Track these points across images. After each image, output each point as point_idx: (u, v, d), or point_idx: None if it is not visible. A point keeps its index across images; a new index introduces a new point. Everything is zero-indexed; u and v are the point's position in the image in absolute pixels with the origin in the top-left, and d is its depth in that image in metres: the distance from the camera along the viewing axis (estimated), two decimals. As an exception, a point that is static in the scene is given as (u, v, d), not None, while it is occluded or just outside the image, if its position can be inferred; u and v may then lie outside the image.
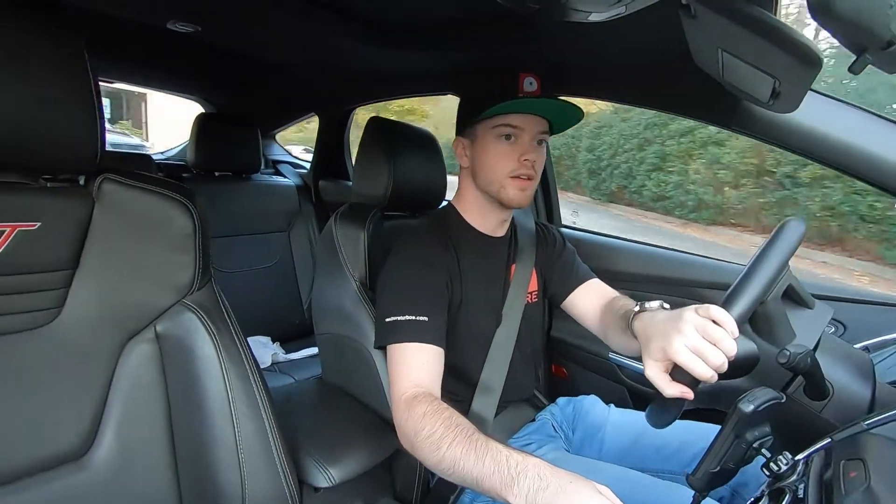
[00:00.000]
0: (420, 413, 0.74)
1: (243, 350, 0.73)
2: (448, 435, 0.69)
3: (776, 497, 0.55)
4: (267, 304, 1.90)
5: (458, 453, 0.67)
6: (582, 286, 1.07)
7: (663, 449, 0.95)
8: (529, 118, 0.92)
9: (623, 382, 1.28)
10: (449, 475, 0.69)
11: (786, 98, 0.78)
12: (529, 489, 0.59)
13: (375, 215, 1.08)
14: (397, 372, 0.83)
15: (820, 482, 0.54)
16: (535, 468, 0.61)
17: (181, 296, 0.71)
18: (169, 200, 0.70)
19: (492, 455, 0.65)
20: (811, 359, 0.66)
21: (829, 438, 0.55)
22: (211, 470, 0.70)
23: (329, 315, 1.09)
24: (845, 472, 0.51)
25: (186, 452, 0.71)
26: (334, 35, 1.28)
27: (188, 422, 0.71)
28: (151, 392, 0.70)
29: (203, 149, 1.84)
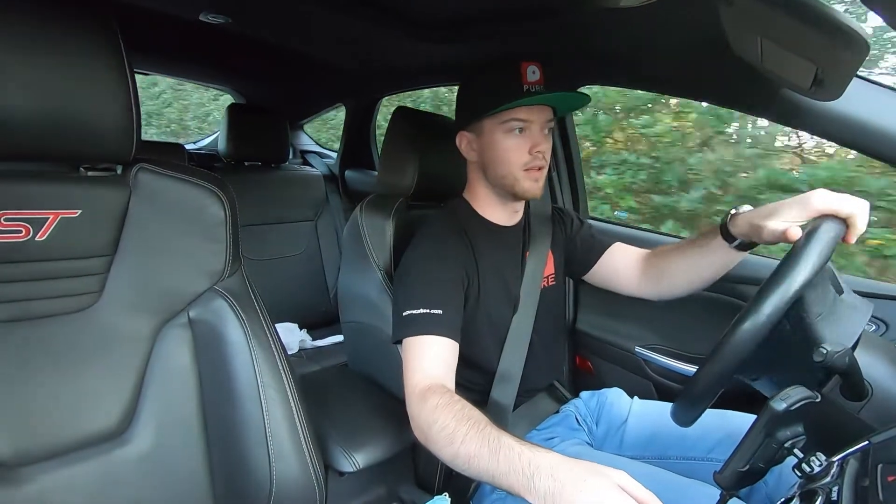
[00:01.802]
0: (433, 405, 0.74)
1: (272, 336, 0.75)
2: (460, 430, 0.69)
3: (808, 499, 0.54)
4: (294, 292, 1.93)
5: (471, 449, 0.67)
6: (608, 251, 1.07)
7: (686, 437, 0.93)
8: (537, 109, 0.91)
9: (649, 377, 1.26)
10: (465, 470, 0.69)
11: (829, 85, 0.74)
12: (546, 491, 0.58)
13: (401, 205, 1.08)
14: (411, 364, 0.83)
15: (855, 486, 0.52)
16: (548, 467, 0.60)
17: (213, 282, 0.73)
18: (201, 189, 0.72)
19: (504, 452, 0.64)
20: (849, 357, 0.63)
21: (867, 441, 0.53)
22: (240, 451, 0.73)
23: (354, 303, 1.10)
24: (883, 477, 0.49)
25: (217, 433, 0.74)
26: (364, 26, 1.28)
27: (219, 404, 0.73)
28: (184, 375, 0.72)
29: (234, 139, 1.88)
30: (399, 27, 1.22)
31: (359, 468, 0.86)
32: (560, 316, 1.14)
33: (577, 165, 1.52)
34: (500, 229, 1.01)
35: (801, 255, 0.62)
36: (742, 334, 0.62)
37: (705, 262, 0.92)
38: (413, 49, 1.41)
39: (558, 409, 1.06)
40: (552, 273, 1.07)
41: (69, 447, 0.65)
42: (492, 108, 0.90)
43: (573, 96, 0.95)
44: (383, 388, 1.06)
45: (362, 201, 1.10)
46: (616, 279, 1.06)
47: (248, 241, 0.81)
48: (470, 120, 0.96)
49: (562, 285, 1.11)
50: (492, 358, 0.97)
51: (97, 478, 0.66)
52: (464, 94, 1.01)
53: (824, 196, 0.70)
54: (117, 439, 0.69)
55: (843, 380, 0.67)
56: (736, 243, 0.86)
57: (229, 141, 1.88)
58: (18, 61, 0.54)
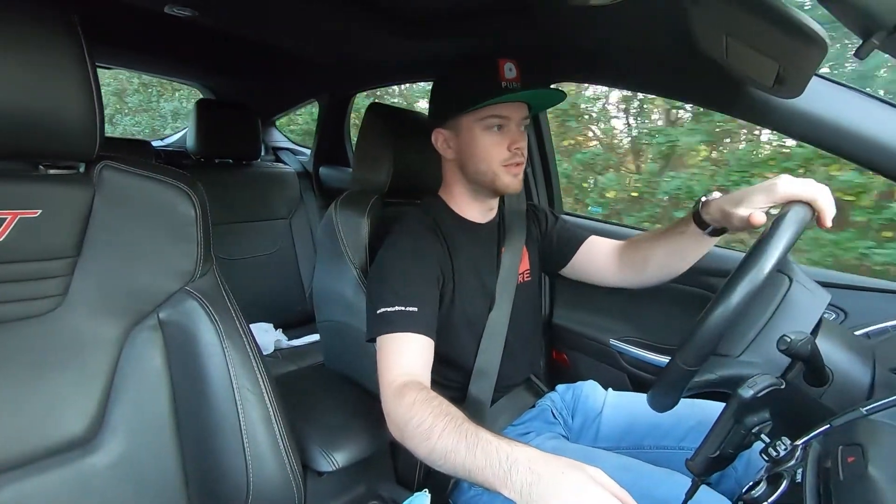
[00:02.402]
0: (410, 401, 0.73)
1: (246, 337, 0.74)
2: (437, 425, 0.68)
3: (775, 482, 0.56)
4: (269, 292, 1.90)
5: (448, 444, 0.66)
6: (585, 244, 1.08)
7: (658, 426, 0.96)
8: (514, 106, 0.93)
9: (623, 369, 1.29)
10: (441, 466, 0.68)
11: (790, 83, 0.77)
12: (523, 484, 0.58)
13: (376, 202, 1.08)
14: (386, 361, 0.82)
15: (818, 467, 0.55)
16: (525, 460, 0.60)
17: (183, 283, 0.71)
18: (170, 188, 0.70)
19: (482, 446, 0.64)
20: (811, 345, 0.66)
21: (829, 424, 0.55)
22: (216, 454, 0.71)
23: (330, 302, 1.09)
24: (843, 458, 0.52)
25: (191, 437, 0.72)
26: (336, 20, 1.26)
27: (192, 408, 0.71)
28: (155, 378, 0.71)
29: (203, 135, 1.83)
30: (374, 21, 1.21)
31: (338, 467, 0.85)
32: (536, 311, 1.15)
33: (552, 162, 1.54)
34: (475, 226, 1.02)
35: (767, 243, 0.64)
36: (714, 320, 0.64)
37: (681, 249, 0.94)
38: (388, 44, 1.40)
39: (535, 403, 1.08)
40: (527, 269, 1.08)
41: (35, 456, 0.63)
42: (470, 104, 0.90)
43: (550, 93, 0.97)
44: (361, 387, 1.05)
45: (337, 199, 1.09)
46: (594, 271, 1.08)
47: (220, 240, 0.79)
48: (447, 117, 0.96)
49: (537, 281, 1.13)
50: (469, 354, 0.97)
51: (66, 487, 0.64)
52: (439, 91, 1.01)
53: (788, 182, 0.73)
54: (86, 446, 0.66)
55: (806, 367, 0.70)
56: (709, 230, 0.88)
57: (198, 138, 1.83)
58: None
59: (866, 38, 0.52)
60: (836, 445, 0.54)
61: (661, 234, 0.98)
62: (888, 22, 0.50)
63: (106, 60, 2.06)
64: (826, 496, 0.50)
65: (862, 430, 0.54)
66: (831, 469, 0.52)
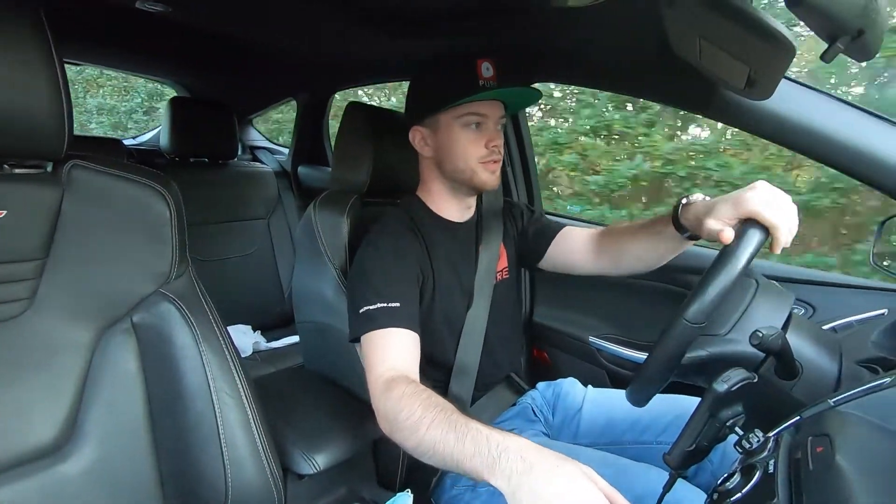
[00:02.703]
0: (398, 395, 0.72)
1: (223, 339, 0.72)
2: (427, 416, 0.68)
3: (748, 473, 0.57)
4: (247, 293, 1.87)
5: (437, 435, 0.66)
6: (559, 234, 1.08)
7: (637, 422, 0.98)
8: (492, 104, 0.94)
9: (602, 366, 1.31)
10: (429, 458, 0.68)
11: (761, 85, 0.79)
12: (512, 471, 0.57)
13: (356, 202, 1.07)
14: (373, 358, 0.82)
15: (789, 458, 0.56)
16: (517, 449, 0.59)
17: (158, 285, 0.70)
18: (143, 187, 0.68)
19: (472, 436, 0.63)
20: (781, 339, 0.68)
21: (798, 416, 0.57)
22: (193, 459, 0.70)
23: (310, 303, 1.08)
24: (812, 448, 0.53)
25: (167, 443, 0.70)
26: (314, 18, 1.25)
27: (168, 412, 0.70)
28: (129, 383, 0.69)
29: (177, 134, 1.79)
30: (354, 20, 1.20)
31: (319, 470, 0.85)
32: (515, 309, 1.16)
33: (531, 160, 1.55)
34: (453, 225, 1.02)
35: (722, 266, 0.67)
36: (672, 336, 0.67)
37: (657, 247, 0.95)
38: (368, 43, 1.39)
39: (516, 400, 1.08)
40: (505, 266, 1.08)
41: (5, 465, 0.60)
42: (449, 102, 0.91)
43: (527, 92, 0.98)
44: (342, 388, 1.04)
45: (316, 198, 1.08)
46: (571, 261, 1.07)
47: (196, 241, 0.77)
48: (424, 115, 0.96)
49: (515, 278, 1.13)
50: (448, 353, 0.98)
51: (38, 496, 0.62)
52: (417, 89, 1.01)
53: (757, 198, 0.70)
54: (58, 454, 0.64)
55: (777, 360, 0.73)
56: (686, 234, 0.87)
57: (172, 136, 1.79)
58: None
59: (832, 42, 0.54)
60: (805, 436, 0.56)
61: (639, 229, 0.98)
62: (852, 28, 0.52)
63: (74, 56, 2.00)
64: (796, 486, 0.51)
65: (830, 421, 0.55)
66: (801, 460, 0.53)
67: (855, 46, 0.55)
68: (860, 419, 0.54)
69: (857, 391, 0.55)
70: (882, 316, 0.98)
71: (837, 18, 0.50)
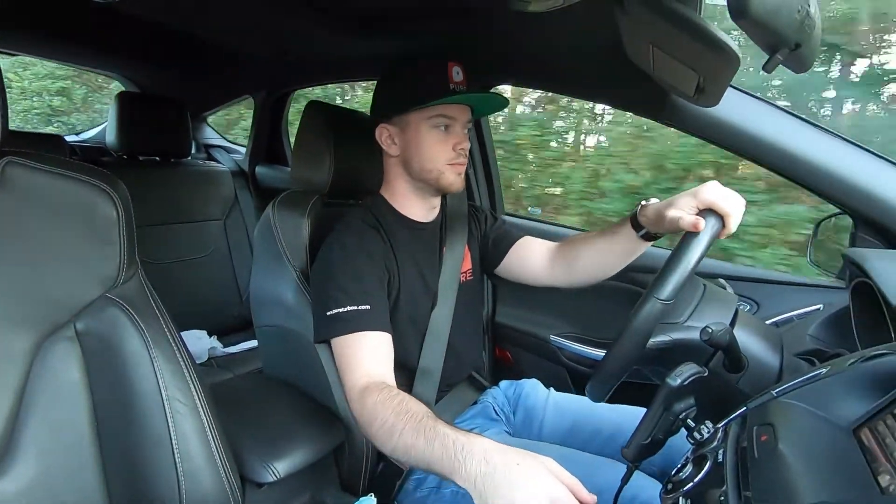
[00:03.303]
0: (372, 403, 0.76)
1: (176, 345, 0.69)
2: (399, 423, 0.71)
3: (699, 463, 0.60)
4: (202, 297, 1.81)
5: (408, 440, 0.69)
6: (517, 244, 1.11)
7: (599, 433, 0.99)
8: (461, 108, 0.96)
9: (563, 364, 1.34)
10: (404, 461, 0.74)
11: (709, 93, 0.83)
12: (477, 473, 0.60)
13: (317, 202, 1.05)
14: (347, 364, 0.83)
15: (736, 447, 0.59)
16: (481, 451, 0.62)
17: (104, 290, 0.66)
18: (88, 186, 0.64)
19: (440, 440, 0.66)
20: (729, 335, 0.72)
21: (744, 407, 0.60)
22: (144, 472, 0.67)
23: (268, 306, 1.05)
24: (757, 437, 0.56)
25: (116, 456, 0.67)
26: (272, 14, 1.22)
27: (116, 424, 0.66)
28: (73, 394, 0.65)
29: (125, 130, 1.71)
30: (313, 18, 1.18)
31: (279, 477, 0.82)
32: (478, 310, 1.17)
33: (493, 164, 1.57)
34: (417, 225, 1.02)
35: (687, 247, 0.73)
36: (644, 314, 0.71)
37: (612, 250, 0.98)
38: (329, 42, 1.37)
39: (477, 398, 1.09)
40: (469, 268, 1.09)
41: None
42: (421, 102, 0.91)
43: (494, 98, 1.01)
44: (303, 393, 1.02)
45: (275, 198, 1.05)
46: (526, 271, 1.10)
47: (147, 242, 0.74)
48: (393, 113, 0.96)
49: (479, 280, 1.14)
50: (412, 354, 0.97)
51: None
52: (386, 87, 1.01)
53: (712, 190, 0.78)
54: None
55: (725, 354, 0.76)
56: (642, 232, 0.92)
57: (120, 132, 1.71)
58: None
59: (772, 53, 0.58)
60: (751, 426, 0.59)
61: (596, 235, 1.02)
62: (790, 41, 0.56)
63: (10, 46, 1.88)
64: (743, 473, 0.54)
65: (773, 410, 0.59)
66: (747, 448, 0.56)
67: (793, 58, 0.59)
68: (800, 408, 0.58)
69: (797, 382, 0.59)
70: (818, 311, 1.05)
71: (777, 32, 0.53)
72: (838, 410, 0.56)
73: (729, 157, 2.02)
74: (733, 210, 0.77)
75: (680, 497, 0.59)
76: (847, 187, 0.95)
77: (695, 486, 0.58)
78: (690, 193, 0.81)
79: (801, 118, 1.00)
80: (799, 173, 0.99)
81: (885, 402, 0.53)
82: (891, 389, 0.54)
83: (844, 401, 0.57)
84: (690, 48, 0.70)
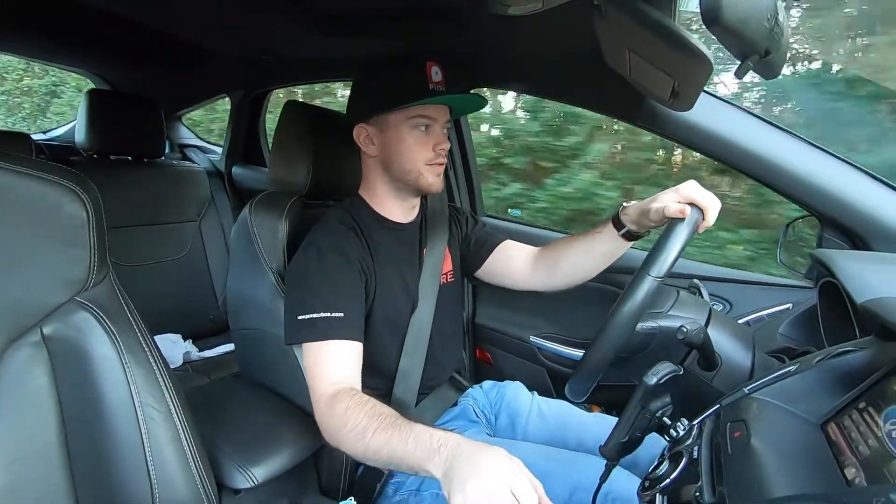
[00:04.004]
0: (343, 408, 0.76)
1: (150, 350, 0.68)
2: (372, 425, 0.72)
3: (675, 460, 0.61)
4: (177, 300, 1.76)
5: (381, 439, 0.71)
6: (498, 248, 1.11)
7: (583, 444, 0.99)
8: (440, 108, 0.95)
9: (543, 364, 1.35)
10: (374, 461, 0.74)
11: (683, 98, 0.85)
12: (446, 458, 0.64)
13: (295, 203, 1.04)
14: (316, 371, 0.83)
15: (711, 443, 0.61)
16: (455, 443, 0.65)
17: (73, 293, 0.64)
18: (55, 186, 0.62)
19: (415, 435, 0.69)
20: (703, 334, 0.74)
21: (718, 404, 0.62)
22: (115, 481, 0.65)
23: (246, 309, 1.03)
24: (731, 433, 0.58)
25: (85, 465, 0.65)
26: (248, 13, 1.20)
27: (86, 432, 0.64)
28: (39, 401, 0.62)
29: (96, 129, 1.66)
30: (290, 17, 1.16)
31: (256, 483, 0.81)
32: (459, 312, 1.16)
33: (473, 165, 1.57)
34: (397, 226, 1.01)
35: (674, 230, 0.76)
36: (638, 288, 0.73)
37: (594, 251, 0.99)
38: (306, 41, 1.35)
39: (458, 400, 1.09)
40: (450, 269, 1.09)
41: None
42: (401, 103, 0.91)
43: (473, 99, 1.00)
44: (280, 397, 1.00)
45: (252, 199, 1.04)
46: (506, 275, 1.11)
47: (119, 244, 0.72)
48: (371, 113, 0.95)
49: (460, 282, 1.14)
50: (392, 357, 0.97)
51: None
52: (365, 87, 0.99)
53: (692, 187, 0.80)
54: None
55: (700, 353, 0.78)
56: (623, 231, 0.94)
57: (90, 131, 1.66)
58: None
59: (743, 60, 0.59)
60: (724, 423, 0.60)
61: (576, 237, 1.03)
62: (760, 48, 0.57)
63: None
64: (718, 469, 0.55)
65: (745, 407, 0.60)
66: (721, 444, 0.58)
67: (762, 65, 0.61)
68: (771, 405, 0.59)
69: (768, 379, 0.61)
70: (788, 309, 1.08)
71: (748, 39, 0.55)
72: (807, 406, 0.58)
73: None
74: (711, 205, 0.79)
75: (657, 494, 0.60)
76: (814, 191, 0.99)
77: (671, 482, 0.59)
78: (671, 190, 0.83)
79: (772, 123, 1.03)
80: (769, 176, 1.02)
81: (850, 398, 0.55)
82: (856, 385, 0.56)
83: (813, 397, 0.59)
84: (666, 54, 0.72)
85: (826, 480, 0.49)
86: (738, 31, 0.53)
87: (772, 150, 1.01)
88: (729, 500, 0.50)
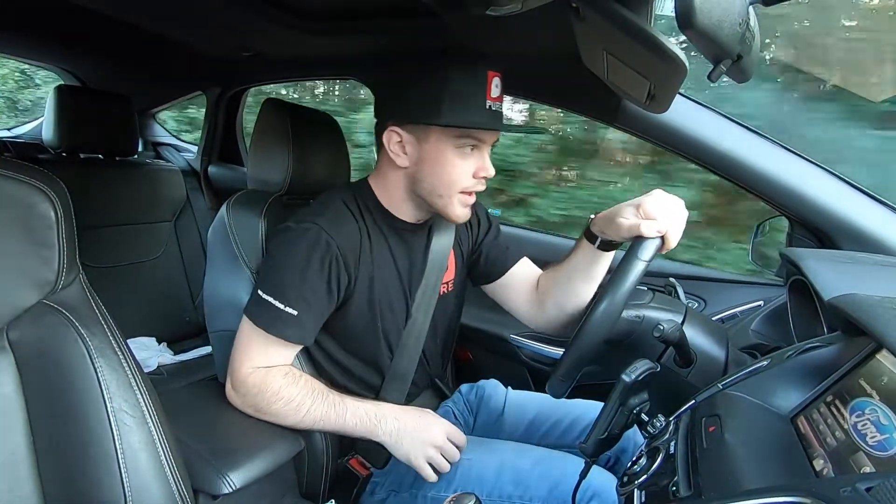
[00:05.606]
0: (276, 388, 0.84)
1: (122, 354, 0.66)
2: (306, 401, 0.84)
3: (652, 455, 0.63)
4: (152, 302, 1.72)
5: (317, 415, 0.84)
6: (507, 275, 1.03)
7: (557, 425, 1.02)
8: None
9: (523, 362, 1.36)
10: (310, 429, 0.87)
11: (659, 100, 0.87)
12: (392, 429, 0.85)
13: (274, 202, 1.02)
14: (246, 350, 0.86)
15: (687, 438, 0.62)
16: (392, 414, 0.86)
17: (41, 296, 0.62)
18: (21, 185, 0.60)
19: (351, 412, 0.85)
20: (679, 331, 0.75)
21: (694, 399, 0.63)
22: (86, 489, 0.63)
23: (223, 310, 1.01)
24: (705, 428, 0.59)
25: (55, 474, 0.63)
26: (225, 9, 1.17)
27: (56, 439, 0.62)
28: (6, 408, 0.60)
29: (64, 126, 1.61)
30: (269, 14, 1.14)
31: (235, 488, 0.79)
32: (455, 322, 1.08)
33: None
34: (403, 225, 0.93)
35: (617, 276, 0.74)
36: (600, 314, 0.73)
37: (577, 269, 0.92)
38: (285, 39, 1.33)
39: (439, 405, 1.09)
40: (452, 279, 1.02)
41: None
42: (457, 122, 0.80)
43: (534, 131, 1.00)
44: (260, 399, 0.99)
45: (230, 198, 1.02)
46: (511, 309, 1.05)
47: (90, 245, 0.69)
48: (411, 120, 0.83)
49: (460, 290, 1.06)
50: (384, 357, 0.95)
51: None
52: (406, 86, 0.84)
53: (654, 202, 0.77)
54: None
55: (676, 350, 0.80)
56: (598, 242, 0.88)
57: (58, 128, 1.60)
58: None
59: (716, 63, 0.61)
60: (700, 418, 0.62)
61: (556, 266, 0.97)
62: (732, 52, 0.59)
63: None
64: (693, 463, 0.57)
65: (719, 402, 0.62)
66: (697, 439, 0.59)
67: (735, 69, 0.63)
68: (744, 399, 0.61)
69: (741, 374, 0.62)
70: (759, 307, 1.11)
71: (721, 43, 0.56)
72: (778, 400, 0.60)
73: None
74: (672, 226, 0.76)
75: (634, 489, 0.61)
76: (783, 191, 1.02)
77: (648, 478, 0.60)
78: (633, 204, 0.79)
79: (743, 125, 1.06)
80: (740, 177, 1.05)
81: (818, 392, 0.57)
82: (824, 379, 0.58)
83: (783, 391, 0.60)
84: (642, 56, 0.73)
85: (796, 472, 0.50)
86: (712, 35, 0.54)
87: (744, 151, 1.04)
88: (704, 493, 0.51)
